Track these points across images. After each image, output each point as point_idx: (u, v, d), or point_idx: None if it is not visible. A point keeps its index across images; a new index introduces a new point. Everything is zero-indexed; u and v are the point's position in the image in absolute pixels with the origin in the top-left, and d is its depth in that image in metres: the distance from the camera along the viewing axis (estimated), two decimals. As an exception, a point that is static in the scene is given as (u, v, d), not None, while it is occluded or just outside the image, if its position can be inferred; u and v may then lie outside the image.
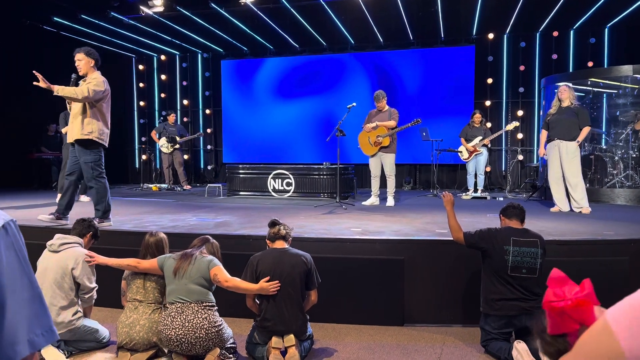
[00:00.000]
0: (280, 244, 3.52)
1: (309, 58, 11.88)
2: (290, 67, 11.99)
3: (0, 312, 0.93)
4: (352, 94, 11.32)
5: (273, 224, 3.60)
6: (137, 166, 13.15)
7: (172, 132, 10.28)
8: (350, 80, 11.58)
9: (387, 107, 7.29)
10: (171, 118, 10.46)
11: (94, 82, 4.89)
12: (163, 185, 10.67)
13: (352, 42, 11.48)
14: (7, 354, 0.93)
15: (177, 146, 10.28)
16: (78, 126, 4.88)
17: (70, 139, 5.00)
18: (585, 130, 6.21)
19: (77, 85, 5.02)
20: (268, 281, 3.30)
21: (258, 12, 9.62)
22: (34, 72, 4.68)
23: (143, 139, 13.05)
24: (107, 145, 5.11)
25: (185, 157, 11.96)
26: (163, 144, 10.26)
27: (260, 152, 12.27)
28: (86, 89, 4.82)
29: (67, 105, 5.12)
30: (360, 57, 11.54)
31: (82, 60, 4.94)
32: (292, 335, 3.29)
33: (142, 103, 13.14)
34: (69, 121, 5.10)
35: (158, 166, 12.72)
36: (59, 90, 4.76)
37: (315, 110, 11.80)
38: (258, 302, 3.47)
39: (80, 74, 5.00)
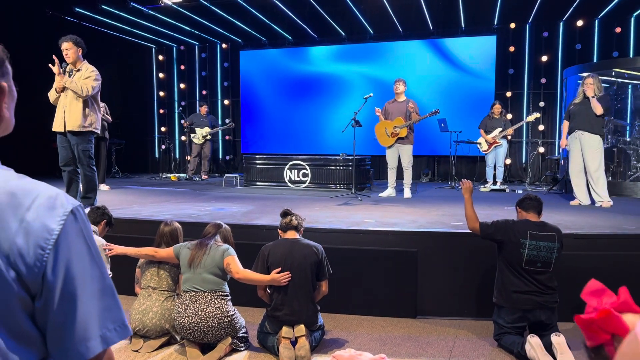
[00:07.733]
0: (291, 234, 3.52)
1: (327, 48, 11.81)
2: (309, 57, 11.94)
3: (71, 306, 0.86)
4: (371, 84, 11.23)
5: (285, 214, 3.60)
6: (156, 156, 13.27)
7: (204, 124, 10.53)
8: (368, 71, 11.48)
9: (404, 97, 7.20)
10: (203, 109, 10.75)
11: (93, 75, 4.97)
12: (182, 175, 10.80)
13: (371, 32, 11.37)
14: (78, 351, 0.86)
15: (209, 137, 10.56)
16: (79, 117, 4.94)
17: (68, 127, 4.97)
18: (596, 102, 5.98)
19: (67, 72, 5.07)
20: (279, 272, 3.31)
21: (277, 2, 9.59)
22: (53, 56, 4.77)
23: (162, 129, 13.16)
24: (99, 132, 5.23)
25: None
26: (194, 135, 10.49)
27: (278, 143, 12.27)
28: (90, 86, 4.89)
29: (55, 92, 5.06)
30: (379, 47, 11.43)
31: (70, 49, 4.99)
32: (302, 326, 3.30)
33: (161, 93, 13.25)
34: (58, 109, 5.06)
35: (177, 156, 12.82)
36: (67, 82, 4.84)
37: (332, 100, 11.75)
38: (269, 291, 3.48)
39: (69, 62, 5.04)
